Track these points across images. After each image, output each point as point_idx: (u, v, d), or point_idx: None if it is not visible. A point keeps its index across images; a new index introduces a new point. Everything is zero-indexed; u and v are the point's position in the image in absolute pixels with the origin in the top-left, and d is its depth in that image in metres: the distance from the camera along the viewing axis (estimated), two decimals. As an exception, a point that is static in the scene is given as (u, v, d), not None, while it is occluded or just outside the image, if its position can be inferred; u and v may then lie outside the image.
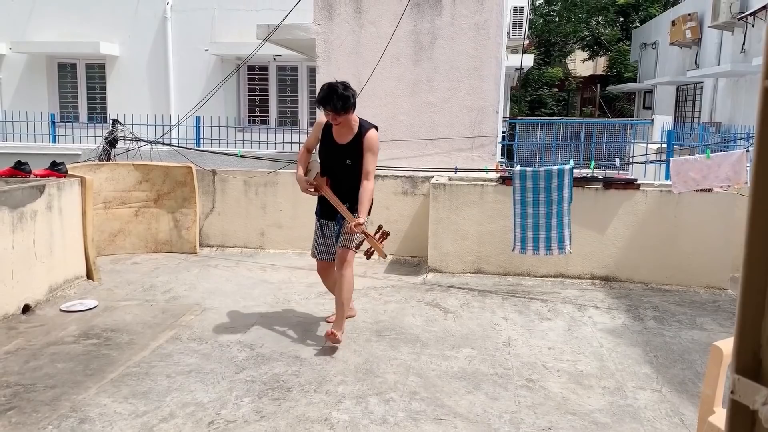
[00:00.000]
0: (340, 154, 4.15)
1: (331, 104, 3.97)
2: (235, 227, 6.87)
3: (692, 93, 17.81)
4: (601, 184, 5.73)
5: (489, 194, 5.82)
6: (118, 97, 13.35)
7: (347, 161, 4.12)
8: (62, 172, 5.47)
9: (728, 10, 13.73)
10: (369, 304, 5.04)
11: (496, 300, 5.23)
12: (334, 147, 4.18)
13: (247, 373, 3.73)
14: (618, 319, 4.83)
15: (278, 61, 12.89)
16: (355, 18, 6.76)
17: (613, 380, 3.73)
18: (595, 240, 5.75)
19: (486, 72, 6.65)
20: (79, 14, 13.15)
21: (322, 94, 4.02)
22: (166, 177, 6.63)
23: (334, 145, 4.18)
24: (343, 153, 4.14)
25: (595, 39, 28.49)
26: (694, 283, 5.64)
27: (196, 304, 5.01)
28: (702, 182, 5.07)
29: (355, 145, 4.12)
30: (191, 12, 12.91)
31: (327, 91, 4.00)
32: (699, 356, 4.10)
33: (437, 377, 3.71)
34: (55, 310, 4.80)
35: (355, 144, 4.12)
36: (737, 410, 0.74)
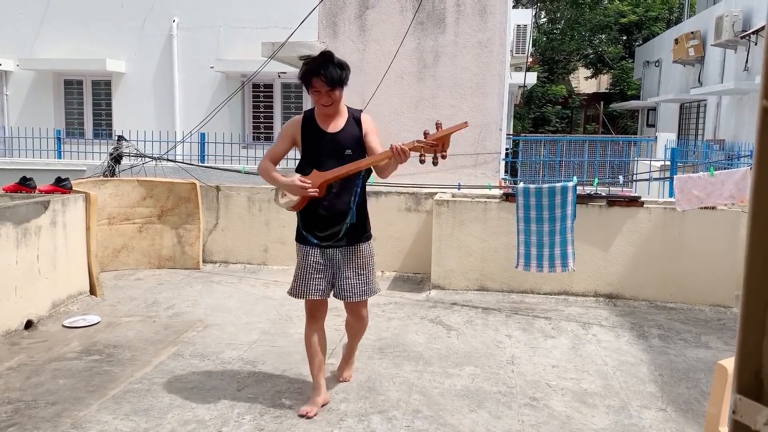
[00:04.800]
0: (336, 144, 3.33)
1: (325, 72, 3.19)
2: (239, 243, 6.88)
3: (696, 111, 17.85)
4: (604, 202, 5.72)
5: (492, 211, 5.82)
6: (123, 113, 13.43)
7: (347, 151, 3.33)
8: (67, 188, 5.50)
9: (731, 28, 13.80)
10: (372, 321, 5.00)
11: (499, 317, 5.21)
12: (327, 138, 3.35)
13: (249, 391, 3.71)
14: (622, 337, 4.80)
15: (283, 78, 12.96)
16: (360, 36, 6.81)
17: (617, 399, 3.70)
18: (598, 257, 5.73)
19: (489, 89, 6.68)
20: (86, 32, 13.27)
21: (314, 63, 3.26)
22: (170, 193, 6.65)
23: (325, 136, 3.36)
24: (340, 142, 3.34)
25: (598, 57, 28.62)
26: (699, 301, 5.61)
27: (199, 320, 5.00)
28: (706, 200, 5.06)
29: (352, 130, 3.39)
30: (197, 29, 13.03)
31: (320, 58, 3.29)
32: (704, 375, 4.07)
33: (440, 395, 3.69)
34: (57, 326, 4.79)
35: (352, 129, 3.39)
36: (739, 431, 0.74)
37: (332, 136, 3.35)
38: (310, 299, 3.50)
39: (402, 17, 6.70)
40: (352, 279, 3.46)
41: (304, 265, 3.47)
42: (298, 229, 3.50)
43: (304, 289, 3.48)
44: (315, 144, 3.37)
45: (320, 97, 3.29)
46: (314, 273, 3.44)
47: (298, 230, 3.50)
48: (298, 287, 3.50)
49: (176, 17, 13.09)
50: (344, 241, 3.43)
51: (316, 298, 3.48)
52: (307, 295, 3.48)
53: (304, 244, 3.46)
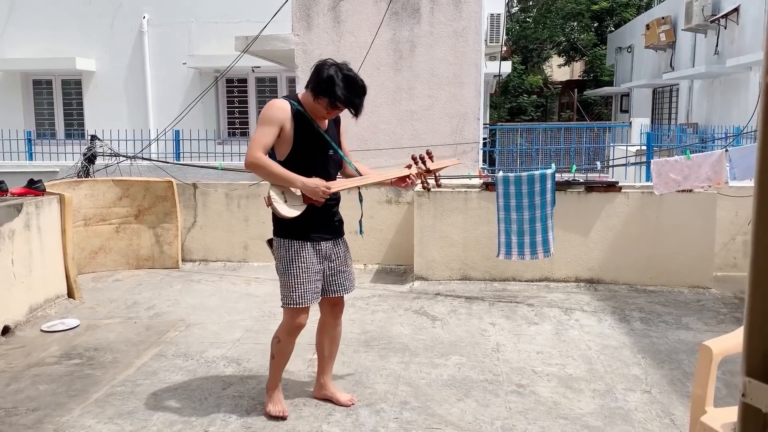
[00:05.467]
0: (325, 143, 3.17)
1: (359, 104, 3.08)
2: (218, 241, 6.81)
3: (668, 95, 18.05)
4: (582, 188, 5.76)
5: (473, 200, 5.82)
6: (95, 112, 13.20)
7: (331, 151, 3.19)
8: (40, 190, 5.38)
9: (701, 12, 13.95)
10: (356, 315, 5.01)
11: (483, 306, 5.22)
12: (319, 137, 3.14)
13: (234, 389, 3.67)
14: (605, 321, 4.84)
15: (257, 72, 12.84)
16: (334, 28, 6.76)
17: (602, 383, 3.73)
18: (578, 243, 5.77)
19: (466, 79, 6.67)
20: (54, 30, 13.01)
21: (356, 92, 3.04)
22: (146, 192, 6.56)
23: (317, 134, 3.14)
24: (328, 141, 3.18)
25: (571, 44, 28.80)
26: (679, 283, 5.68)
27: (181, 320, 4.93)
28: (683, 183, 5.12)
29: (333, 129, 3.26)
30: (168, 26, 12.83)
31: (360, 88, 3.06)
32: (686, 356, 4.12)
33: (427, 386, 3.69)
34: (35, 331, 4.70)
35: (332, 127, 3.26)
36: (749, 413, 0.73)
37: (323, 135, 3.15)
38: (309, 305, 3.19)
39: (376, 8, 6.65)
40: (345, 270, 3.34)
41: (298, 264, 3.13)
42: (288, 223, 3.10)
43: (311, 294, 3.16)
44: (307, 142, 3.09)
45: (329, 113, 3.10)
46: (312, 273, 3.16)
47: (288, 224, 3.11)
48: (306, 293, 3.13)
49: (146, 13, 12.88)
50: (338, 232, 3.31)
51: (316, 302, 3.24)
52: (312, 299, 3.18)
53: (296, 238, 3.13)
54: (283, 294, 3.20)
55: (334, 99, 3.00)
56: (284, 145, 3.08)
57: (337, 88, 2.98)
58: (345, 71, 3.03)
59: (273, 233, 3.25)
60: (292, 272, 3.14)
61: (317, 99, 3.04)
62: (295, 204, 3.06)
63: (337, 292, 3.34)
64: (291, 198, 3.05)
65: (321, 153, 3.16)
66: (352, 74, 3.05)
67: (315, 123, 3.12)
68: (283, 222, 3.11)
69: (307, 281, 3.15)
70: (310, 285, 3.16)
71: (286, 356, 3.33)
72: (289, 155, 3.09)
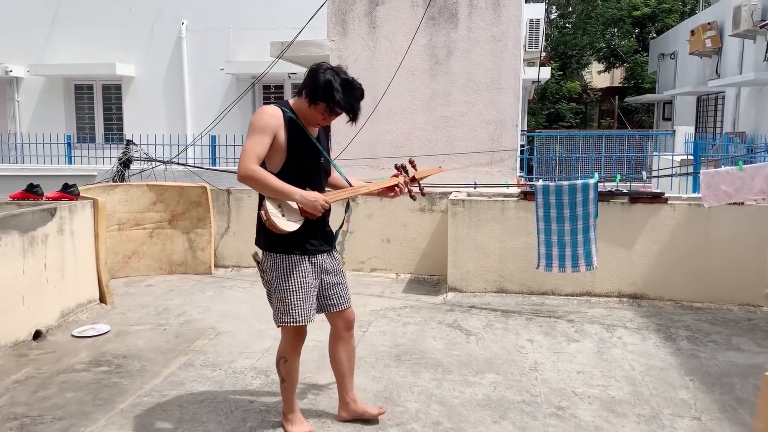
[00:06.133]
0: (317, 152, 3.02)
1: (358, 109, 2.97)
2: (251, 247, 6.70)
3: (714, 103, 17.51)
4: (626, 199, 5.53)
5: (510, 210, 5.64)
6: (134, 117, 13.38)
7: (321, 159, 3.06)
8: (74, 195, 5.39)
9: (749, 18, 13.49)
10: (387, 327, 4.87)
11: (520, 321, 5.03)
12: (312, 145, 2.99)
13: (261, 402, 3.57)
14: (649, 339, 4.61)
15: (293, 78, 12.85)
16: (370, 33, 6.65)
17: (648, 407, 3.52)
18: (621, 256, 5.53)
19: (504, 85, 6.50)
20: (96, 36, 13.24)
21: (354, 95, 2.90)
22: (180, 197, 6.54)
23: (310, 142, 2.98)
24: (320, 150, 3.04)
25: (611, 51, 28.26)
26: (727, 300, 5.39)
27: (210, 327, 4.87)
28: (735, 195, 4.85)
29: (323, 136, 3.14)
30: (206, 32, 12.94)
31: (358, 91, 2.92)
32: (738, 380, 3.87)
33: (461, 406, 3.52)
34: (66, 336, 4.68)
35: (322, 135, 3.13)
36: None
37: (315, 143, 3.00)
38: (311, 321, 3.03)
39: (413, 12, 6.53)
40: (343, 282, 3.17)
41: (296, 280, 2.97)
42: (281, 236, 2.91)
43: (310, 311, 3.00)
44: (302, 151, 2.94)
45: (326, 119, 2.96)
46: (310, 288, 3.00)
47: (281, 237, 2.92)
48: (305, 310, 2.98)
49: (185, 19, 13.02)
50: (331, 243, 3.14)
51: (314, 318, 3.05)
52: (312, 316, 3.03)
53: (291, 252, 2.96)
54: (280, 312, 3.00)
55: (333, 104, 2.84)
56: (278, 154, 2.90)
57: (335, 93, 2.83)
58: (342, 75, 2.89)
59: (260, 247, 3.05)
60: (289, 288, 2.96)
61: (314, 104, 2.87)
62: (293, 218, 2.89)
63: (342, 305, 3.16)
64: (288, 211, 2.89)
65: (314, 162, 3.01)
66: (350, 78, 2.90)
67: (308, 130, 2.97)
68: (274, 235, 2.91)
69: (306, 297, 2.98)
70: (309, 302, 3.00)
71: (296, 375, 3.18)
72: (284, 165, 2.92)
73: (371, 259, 6.43)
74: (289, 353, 3.12)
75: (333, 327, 3.23)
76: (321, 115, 2.90)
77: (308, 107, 2.89)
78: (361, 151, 6.66)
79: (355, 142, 6.42)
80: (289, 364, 3.13)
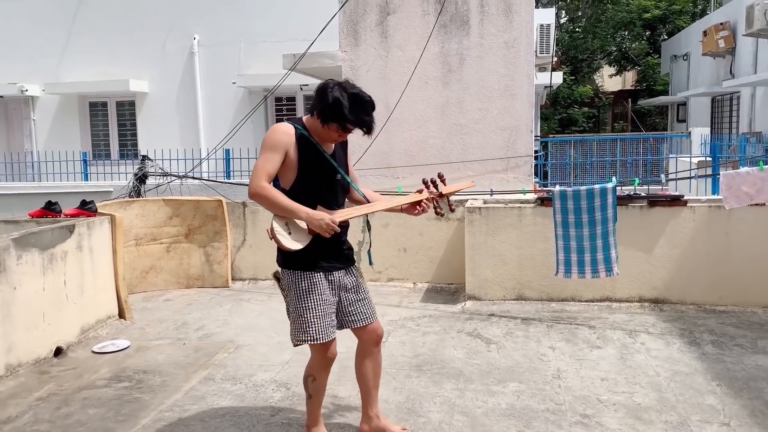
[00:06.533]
0: (333, 169, 2.99)
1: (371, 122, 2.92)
2: (267, 259, 6.75)
3: (728, 103, 17.35)
4: (645, 202, 5.47)
5: (527, 216, 5.60)
6: (148, 133, 13.49)
7: (338, 176, 3.02)
8: (92, 211, 5.42)
9: (763, 17, 13.35)
10: (407, 337, 4.84)
11: (540, 328, 4.98)
12: (326, 162, 2.96)
13: (283, 415, 3.55)
14: (673, 344, 4.54)
15: (305, 90, 12.90)
16: (382, 43, 6.66)
17: (675, 413, 3.46)
18: (642, 261, 5.47)
19: (518, 90, 6.47)
20: (109, 53, 13.38)
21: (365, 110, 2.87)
22: (196, 211, 6.56)
23: (324, 160, 2.96)
24: (335, 167, 3.00)
25: (622, 54, 28.12)
26: (751, 303, 5.31)
27: (230, 341, 4.86)
28: (756, 197, 4.78)
29: (340, 152, 3.09)
30: (218, 46, 13.04)
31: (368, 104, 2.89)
32: (766, 384, 3.80)
33: (484, 416, 3.48)
34: (87, 352, 4.70)
35: (340, 151, 3.09)
36: None
37: (329, 160, 2.96)
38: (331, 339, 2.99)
39: (424, 21, 6.54)
40: (366, 298, 3.13)
41: (314, 298, 2.93)
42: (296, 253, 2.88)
43: (328, 328, 2.95)
44: (314, 168, 2.91)
45: (342, 136, 2.93)
46: (328, 305, 2.96)
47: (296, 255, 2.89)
48: (323, 327, 2.93)
49: (197, 34, 13.13)
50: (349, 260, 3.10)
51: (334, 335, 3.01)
52: (331, 333, 2.98)
53: (307, 269, 2.94)
54: (298, 330, 2.97)
55: (345, 121, 2.82)
56: (289, 171, 2.90)
57: (345, 111, 2.80)
58: (350, 90, 2.86)
59: (279, 264, 3.04)
60: (307, 305, 2.93)
61: (327, 125, 2.85)
62: (300, 236, 2.86)
63: (367, 320, 3.11)
64: (295, 230, 2.86)
65: (328, 178, 2.97)
66: (357, 91, 2.87)
67: (320, 147, 2.94)
68: (290, 252, 2.89)
69: (324, 315, 2.94)
70: (327, 318, 2.96)
71: (322, 392, 3.16)
72: (295, 183, 2.91)
73: (388, 268, 6.40)
74: (318, 372, 3.08)
75: (360, 341, 3.18)
76: (336, 133, 2.89)
77: (322, 127, 2.88)
78: (376, 160, 6.65)
79: (369, 152, 6.42)
80: (317, 383, 3.10)
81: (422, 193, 3.09)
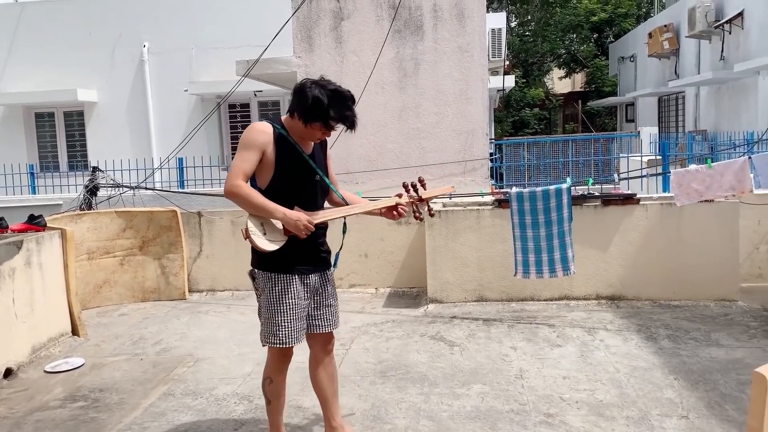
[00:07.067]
0: (311, 169, 2.93)
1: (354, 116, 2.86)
2: (225, 270, 6.64)
3: (674, 103, 17.89)
4: (599, 201, 5.58)
5: (486, 218, 5.64)
6: (98, 143, 13.14)
7: (317, 177, 2.96)
8: (41, 226, 5.24)
9: (704, 19, 13.84)
10: (370, 343, 4.81)
11: (502, 328, 5.02)
12: (304, 162, 2.90)
13: (246, 429, 3.48)
14: (630, 340, 4.63)
15: (259, 96, 12.77)
16: (336, 48, 6.64)
17: (635, 409, 3.52)
18: (597, 259, 5.57)
19: (473, 95, 6.53)
20: (55, 62, 13.00)
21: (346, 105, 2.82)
22: (150, 223, 6.41)
23: (302, 160, 2.90)
24: (314, 167, 2.94)
25: (571, 56, 28.73)
26: (703, 297, 5.46)
27: (189, 354, 4.75)
28: (705, 193, 4.93)
29: (319, 153, 3.03)
30: (168, 53, 12.80)
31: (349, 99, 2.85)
32: (721, 376, 3.90)
33: (450, 419, 3.48)
34: (39, 372, 4.53)
35: (319, 152, 3.03)
36: None
37: (307, 160, 2.90)
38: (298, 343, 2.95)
39: (379, 26, 6.54)
40: (333, 305, 3.09)
41: (287, 301, 2.87)
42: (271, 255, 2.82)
43: (298, 332, 2.91)
44: (291, 168, 2.85)
45: (325, 134, 2.88)
46: (301, 309, 2.92)
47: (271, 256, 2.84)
48: (293, 331, 2.89)
49: (146, 42, 12.87)
50: (326, 264, 3.05)
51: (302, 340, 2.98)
52: (301, 338, 2.94)
53: (282, 272, 2.88)
54: (268, 332, 2.91)
55: (328, 119, 2.78)
56: (266, 171, 2.83)
57: (327, 108, 2.76)
58: (329, 87, 2.81)
59: (253, 265, 2.97)
60: (279, 309, 2.88)
61: (309, 124, 2.80)
62: (275, 237, 2.80)
63: (326, 327, 3.06)
64: (270, 230, 2.80)
65: (306, 179, 2.92)
66: (335, 87, 2.83)
67: (299, 147, 2.88)
68: (265, 254, 2.83)
69: (295, 318, 2.89)
70: (298, 322, 2.91)
71: (282, 395, 3.09)
72: (272, 182, 2.84)
73: (349, 274, 6.36)
74: (275, 374, 3.02)
75: (312, 349, 3.13)
76: (319, 131, 2.84)
77: (304, 127, 2.83)
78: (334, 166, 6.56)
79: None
80: (274, 385, 3.03)
81: (402, 197, 3.04)
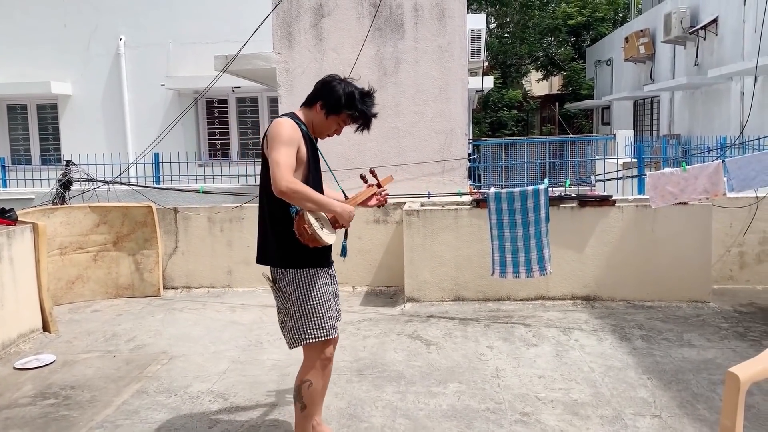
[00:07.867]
0: (319, 160, 3.00)
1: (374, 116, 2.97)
2: (201, 267, 6.57)
3: (650, 107, 18.15)
4: (575, 203, 5.63)
5: (464, 218, 5.66)
6: (72, 137, 12.92)
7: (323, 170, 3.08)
8: (12, 220, 5.13)
9: (679, 24, 14.05)
10: (347, 341, 4.80)
11: (478, 328, 5.04)
12: (317, 155, 2.98)
13: (221, 427, 3.44)
14: (605, 340, 4.68)
15: (237, 92, 12.66)
16: (316, 45, 6.61)
17: (609, 408, 3.56)
18: (573, 259, 5.62)
19: (452, 94, 6.54)
20: (28, 54, 12.75)
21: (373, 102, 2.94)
22: (124, 218, 6.32)
23: (317, 152, 2.98)
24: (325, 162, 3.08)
25: (549, 59, 28.99)
26: (676, 298, 5.54)
27: (163, 352, 4.69)
28: (680, 195, 5.00)
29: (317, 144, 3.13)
30: (145, 47, 12.63)
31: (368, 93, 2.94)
32: (693, 375, 3.96)
33: (426, 418, 3.48)
34: (8, 369, 4.43)
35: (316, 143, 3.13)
36: None
37: (322, 156, 3.01)
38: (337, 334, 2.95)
39: (359, 24, 6.52)
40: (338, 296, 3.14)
41: (319, 293, 2.86)
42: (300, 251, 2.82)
43: (335, 322, 2.94)
44: (315, 163, 2.89)
45: (339, 129, 2.97)
46: (332, 299, 2.95)
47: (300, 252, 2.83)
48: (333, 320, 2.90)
49: (123, 35, 12.68)
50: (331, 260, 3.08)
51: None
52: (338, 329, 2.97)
53: (312, 266, 2.86)
54: (307, 329, 2.83)
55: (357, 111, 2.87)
56: (298, 168, 2.80)
57: (358, 103, 2.86)
58: (357, 85, 2.93)
59: (273, 264, 2.89)
60: (315, 302, 2.84)
61: (334, 114, 2.87)
62: (330, 229, 2.85)
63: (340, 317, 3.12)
64: (324, 223, 2.82)
65: (319, 174, 2.97)
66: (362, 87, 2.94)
67: (314, 141, 2.95)
68: (294, 250, 2.80)
69: (331, 309, 2.90)
70: (334, 312, 2.95)
71: (319, 400, 2.99)
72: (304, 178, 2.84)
73: (326, 273, 6.34)
74: (315, 374, 2.88)
75: None
76: (339, 124, 2.92)
77: (325, 118, 2.88)
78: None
79: (305, 155, 6.34)
80: (313, 389, 2.88)
81: (371, 187, 3.10)
